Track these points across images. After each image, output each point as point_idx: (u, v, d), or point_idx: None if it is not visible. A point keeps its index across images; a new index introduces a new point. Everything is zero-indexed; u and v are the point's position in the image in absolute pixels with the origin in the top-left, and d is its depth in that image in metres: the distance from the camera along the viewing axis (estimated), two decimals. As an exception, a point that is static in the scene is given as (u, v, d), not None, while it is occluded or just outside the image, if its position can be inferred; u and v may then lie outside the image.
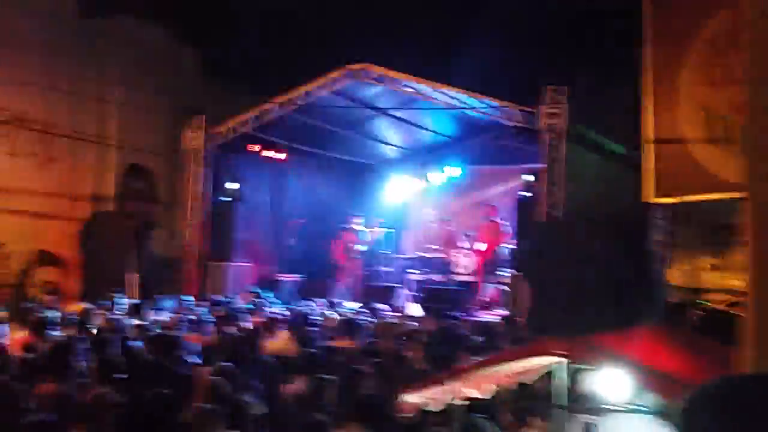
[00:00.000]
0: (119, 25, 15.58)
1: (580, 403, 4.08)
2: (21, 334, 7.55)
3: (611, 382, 3.35)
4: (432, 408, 3.83)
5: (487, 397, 3.81)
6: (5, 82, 13.33)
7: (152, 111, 15.62)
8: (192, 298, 11.82)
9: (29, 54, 13.88)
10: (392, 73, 13.29)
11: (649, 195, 11.33)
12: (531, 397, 4.47)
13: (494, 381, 3.80)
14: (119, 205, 15.67)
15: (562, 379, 3.63)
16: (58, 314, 8.60)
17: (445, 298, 13.10)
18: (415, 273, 15.59)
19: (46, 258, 14.29)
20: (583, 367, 3.68)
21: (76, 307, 10.08)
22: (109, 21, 15.45)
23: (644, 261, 9.65)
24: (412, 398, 3.78)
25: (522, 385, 4.04)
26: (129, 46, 15.59)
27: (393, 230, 17.21)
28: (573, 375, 3.78)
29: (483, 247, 14.16)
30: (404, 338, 8.41)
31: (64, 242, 14.60)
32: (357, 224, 15.38)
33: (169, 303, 10.74)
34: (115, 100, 15.41)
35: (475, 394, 3.73)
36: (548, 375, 4.04)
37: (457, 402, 3.66)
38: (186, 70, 16.77)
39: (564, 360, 3.53)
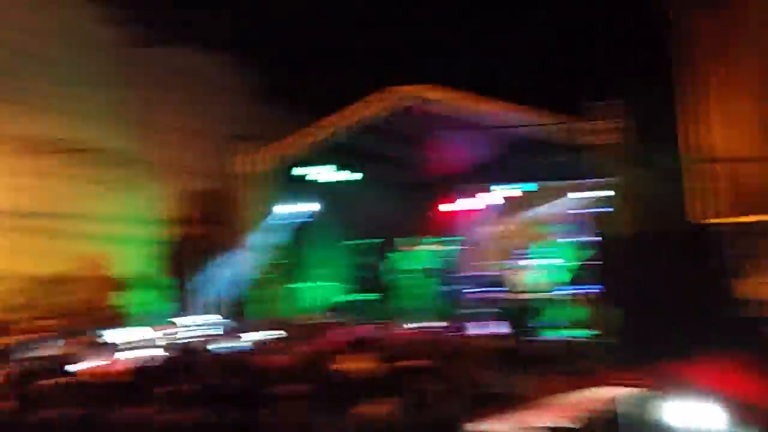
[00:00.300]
0: (177, 55, 16.01)
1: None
2: (103, 360, 7.77)
3: (688, 412, 3.28)
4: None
5: (562, 426, 3.74)
6: (75, 114, 13.82)
7: (211, 138, 16.00)
8: (265, 319, 12.00)
9: (97, 86, 14.37)
10: (441, 93, 13.27)
11: (709, 215, 10.96)
12: (606, 428, 4.38)
13: (561, 410, 3.73)
14: (188, 228, 16.05)
15: (637, 408, 3.56)
16: (137, 338, 8.87)
17: (520, 316, 12.98)
18: (483, 290, 15.47)
19: (120, 281, 14.68)
20: (659, 396, 3.60)
21: (150, 327, 10.35)
22: (168, 51, 15.91)
23: (716, 278, 9.35)
24: (484, 426, 3.75)
25: (590, 411, 3.96)
26: (188, 74, 16.00)
27: (459, 247, 17.12)
28: (649, 404, 3.70)
29: (555, 264, 13.99)
30: (479, 357, 8.33)
31: (133, 267, 15.00)
32: (409, 244, 15.36)
33: (241, 324, 10.94)
34: (173, 127, 15.83)
35: (549, 422, 3.67)
36: (616, 403, 3.96)
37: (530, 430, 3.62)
38: (244, 97, 17.08)
39: (639, 390, 3.46)
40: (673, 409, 4.07)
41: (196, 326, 10.45)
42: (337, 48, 15.72)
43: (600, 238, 11.67)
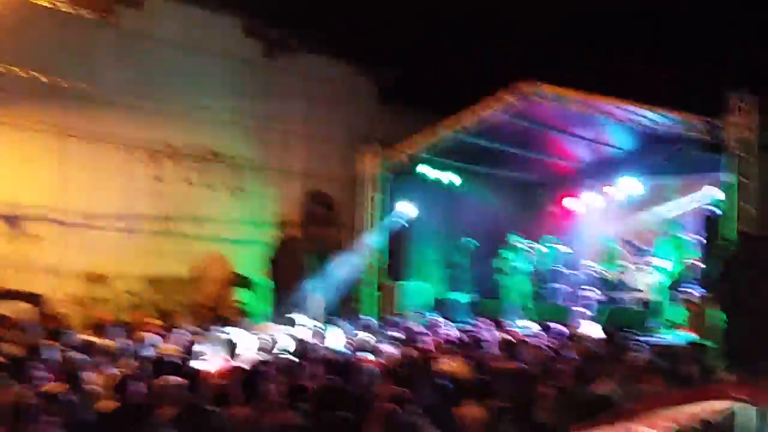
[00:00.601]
0: (299, 63, 16.55)
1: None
2: (217, 357, 8.16)
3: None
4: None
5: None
6: (202, 122, 14.58)
7: (331, 140, 16.46)
8: (372, 319, 12.19)
9: (221, 95, 15.11)
10: (565, 92, 13.00)
11: None
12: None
13: (673, 421, 3.61)
14: (303, 230, 16.58)
15: (747, 422, 3.39)
16: (249, 338, 9.25)
17: (625, 318, 12.56)
18: (591, 291, 15.10)
19: (239, 281, 15.36)
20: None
21: (265, 327, 10.75)
22: (292, 59, 16.47)
23: None
24: (583, 438, 3.69)
25: (705, 423, 3.80)
26: (308, 81, 16.51)
27: (568, 247, 16.76)
28: (760, 420, 3.52)
29: (667, 264, 13.42)
30: (586, 361, 8.16)
31: (254, 266, 15.65)
32: (516, 242, 15.12)
33: (350, 325, 11.15)
34: (297, 132, 16.37)
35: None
36: (732, 416, 3.79)
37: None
38: (361, 100, 17.45)
39: (748, 405, 3.30)
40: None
41: (306, 326, 10.72)
42: (458, 48, 15.73)
43: (724, 239, 11.14)
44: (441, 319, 11.76)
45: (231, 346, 8.08)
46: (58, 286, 12.99)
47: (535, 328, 12.30)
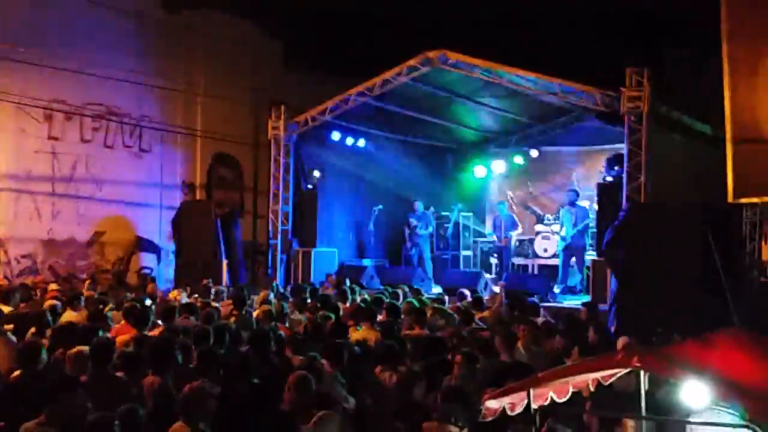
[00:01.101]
0: (203, 20, 16.13)
1: (657, 412, 4.14)
2: (123, 325, 8.06)
3: (691, 393, 3.41)
4: (512, 413, 3.96)
5: (565, 401, 3.92)
6: (100, 79, 14.02)
7: (236, 102, 16.18)
8: (279, 285, 12.24)
9: (120, 52, 14.56)
10: (469, 59, 13.28)
11: (731, 195, 10.81)
12: (608, 403, 4.55)
13: (573, 386, 3.90)
14: (208, 193, 16.34)
15: (639, 386, 3.71)
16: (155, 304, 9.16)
17: (526, 282, 13.11)
18: (496, 257, 15.66)
19: (141, 245, 15.06)
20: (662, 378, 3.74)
21: (173, 294, 10.65)
22: (194, 15, 16.02)
23: (732, 249, 9.45)
24: (492, 404, 3.93)
25: (600, 388, 4.13)
26: (213, 39, 16.14)
27: (472, 214, 17.26)
28: (651, 383, 3.85)
29: (566, 230, 14.06)
30: (488, 326, 8.52)
31: (157, 230, 15.36)
32: (424, 208, 15.45)
33: (258, 290, 11.17)
34: (200, 92, 16.01)
35: (554, 399, 3.84)
36: (627, 382, 4.12)
37: (537, 407, 3.79)
38: (268, 61, 17.20)
39: (642, 371, 3.60)
40: (671, 387, 4.22)
41: (215, 293, 10.67)
42: (369, 12, 15.71)
43: (626, 206, 11.75)
44: (351, 286, 11.89)
45: (139, 313, 7.95)
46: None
47: (439, 292, 12.67)
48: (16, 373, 6.02)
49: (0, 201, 13.09)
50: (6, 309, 8.41)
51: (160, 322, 8.19)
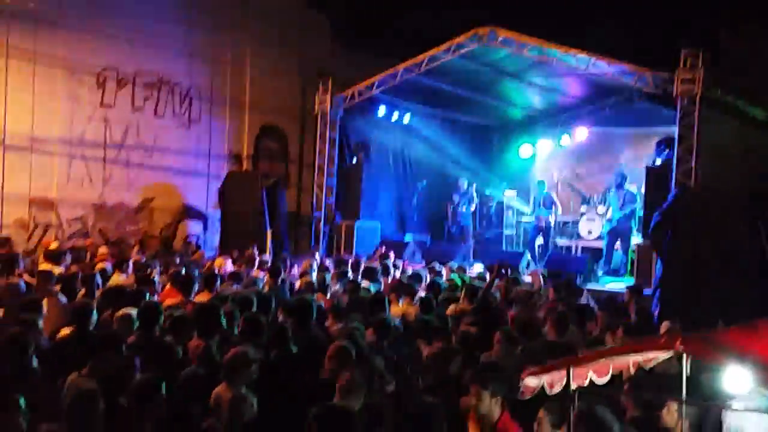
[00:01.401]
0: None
1: (699, 397, 4.11)
2: (169, 290, 8.24)
3: (734, 379, 3.37)
4: (550, 392, 3.97)
5: (604, 382, 3.91)
6: (151, 48, 14.21)
7: (284, 74, 16.27)
8: (322, 257, 12.34)
9: (171, 22, 14.72)
10: (519, 37, 13.10)
11: None
12: (649, 386, 4.52)
13: (613, 368, 3.88)
14: (254, 163, 16.51)
15: (683, 371, 3.67)
16: (201, 271, 9.33)
17: (569, 263, 13.01)
18: (540, 237, 15.56)
19: (188, 213, 15.32)
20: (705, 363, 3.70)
21: (218, 261, 10.82)
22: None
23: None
24: (531, 381, 3.94)
25: (642, 371, 4.10)
26: (261, 12, 16.19)
27: (516, 193, 17.14)
28: (693, 368, 3.81)
29: (611, 213, 13.89)
30: (529, 305, 8.49)
31: (204, 198, 15.61)
32: (462, 187, 15.29)
33: (301, 261, 11.29)
34: (249, 64, 16.12)
35: (593, 380, 3.83)
36: (668, 366, 4.09)
37: (576, 387, 3.79)
38: (316, 35, 17.20)
39: (684, 355, 3.57)
40: (714, 372, 4.18)
41: (260, 262, 10.80)
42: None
43: (675, 190, 11.55)
44: (394, 260, 11.95)
45: (184, 279, 8.12)
46: (2, 210, 12.77)
47: (480, 271, 12.64)
48: (66, 331, 6.23)
49: (53, 165, 13.40)
50: (56, 270, 8.65)
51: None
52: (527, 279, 11.30)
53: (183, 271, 8.64)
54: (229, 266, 10.28)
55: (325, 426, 3.82)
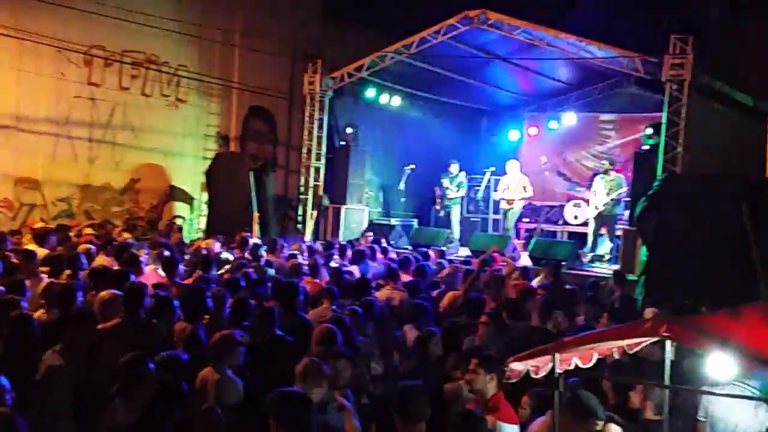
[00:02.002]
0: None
1: (681, 381, 4.15)
2: (153, 271, 8.21)
3: (717, 364, 3.40)
4: (536, 376, 3.99)
5: (589, 367, 3.93)
6: (139, 26, 14.01)
7: (273, 55, 16.10)
8: (309, 240, 12.32)
9: (161, 2, 14.55)
10: (510, 20, 13.06)
11: None
12: (633, 371, 4.56)
13: (598, 353, 3.91)
14: (240, 145, 16.42)
15: (666, 356, 3.70)
16: (187, 252, 9.30)
17: (555, 248, 13.03)
18: (525, 221, 15.58)
19: (175, 194, 15.23)
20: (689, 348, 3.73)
21: (205, 242, 10.78)
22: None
23: (766, 223, 9.26)
24: (517, 365, 3.96)
25: (628, 356, 4.13)
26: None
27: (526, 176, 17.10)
28: (678, 353, 3.84)
29: (599, 198, 13.90)
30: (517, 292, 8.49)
31: (190, 180, 15.52)
32: (453, 171, 15.19)
33: (288, 244, 11.27)
34: (238, 44, 15.96)
35: (578, 364, 3.86)
36: (653, 351, 4.12)
37: (561, 371, 3.81)
38: (306, 16, 17.05)
39: (669, 341, 3.59)
40: (698, 358, 4.21)
41: (247, 244, 10.75)
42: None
43: (661, 176, 11.58)
44: (382, 244, 11.93)
45: (171, 261, 8.08)
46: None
47: (467, 255, 12.64)
48: (40, 313, 6.18)
49: (39, 144, 13.26)
50: (41, 251, 8.58)
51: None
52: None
53: (167, 253, 8.60)
54: (216, 248, 10.24)
55: (280, 411, 3.86)
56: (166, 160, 15.10)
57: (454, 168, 15.04)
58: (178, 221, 14.98)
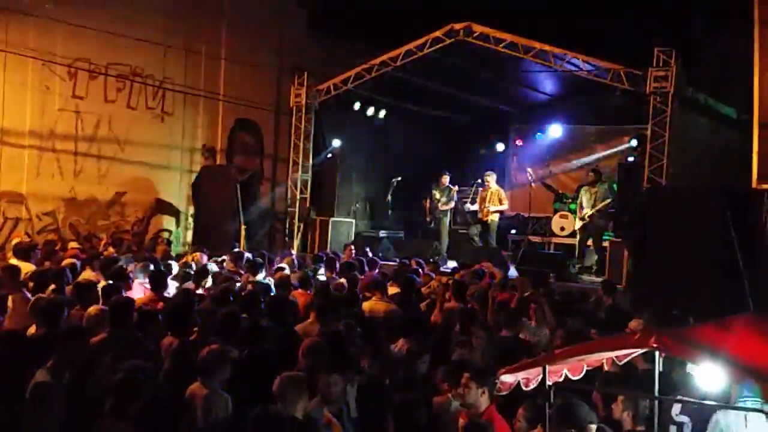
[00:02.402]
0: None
1: (671, 392, 4.16)
2: (140, 283, 8.16)
3: (707, 376, 3.42)
4: (526, 388, 4.00)
5: (579, 378, 3.95)
6: (124, 38, 13.96)
7: (259, 67, 16.08)
8: (296, 253, 12.30)
9: (147, 13, 14.51)
10: (495, 33, 13.16)
11: (755, 180, 10.75)
12: (622, 382, 4.58)
13: (587, 364, 3.92)
14: (227, 158, 16.38)
15: (656, 367, 3.72)
16: (176, 266, 9.26)
17: (542, 260, 13.08)
18: (513, 234, 15.63)
19: (161, 208, 15.16)
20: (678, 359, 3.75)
21: (192, 256, 10.72)
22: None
23: (751, 233, 9.36)
24: (507, 378, 3.97)
25: (617, 367, 4.16)
26: (238, 3, 16.05)
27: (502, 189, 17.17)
28: (667, 365, 3.87)
29: (583, 209, 13.97)
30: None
31: (177, 193, 15.46)
32: (443, 182, 15.20)
33: (276, 257, 11.24)
34: (224, 57, 15.95)
35: (568, 376, 3.87)
36: (640, 362, 4.14)
37: (551, 383, 3.82)
38: (292, 28, 17.07)
39: (657, 352, 3.61)
40: (687, 369, 4.24)
41: (234, 258, 10.71)
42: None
43: (646, 188, 11.67)
44: (369, 257, 11.93)
45: (158, 275, 8.04)
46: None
47: (454, 266, 12.64)
48: (33, 329, 6.12)
49: (23, 158, 13.18)
50: (26, 266, 8.49)
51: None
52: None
53: (153, 267, 8.56)
54: (204, 261, 10.20)
55: (256, 429, 3.96)
56: (152, 174, 15.02)
57: (445, 180, 15.07)
58: (165, 235, 14.91)
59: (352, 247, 13.38)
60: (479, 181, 15.21)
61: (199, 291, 8.14)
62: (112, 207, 14.44)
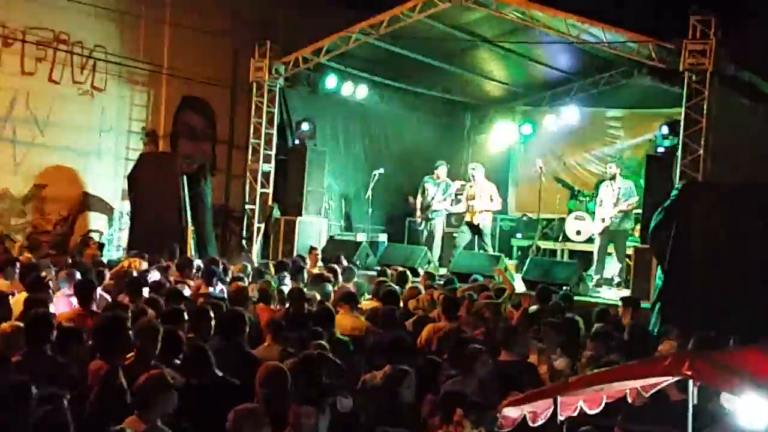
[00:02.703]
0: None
1: (707, 427, 4.18)
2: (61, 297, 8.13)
3: (749, 410, 3.44)
4: (533, 424, 4.02)
5: (597, 412, 3.97)
6: (48, 1, 13.89)
7: (212, 35, 16.04)
8: (256, 259, 12.28)
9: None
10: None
11: None
12: (649, 416, 4.60)
13: (607, 396, 3.94)
14: (172, 143, 16.33)
15: (689, 399, 3.74)
16: (106, 273, 9.23)
17: (553, 270, 13.13)
18: (519, 237, 15.69)
19: (90, 204, 15.08)
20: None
21: (132, 262, 10.66)
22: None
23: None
24: (511, 412, 3.98)
25: (640, 398, 4.18)
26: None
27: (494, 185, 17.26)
28: (702, 395, 3.89)
29: (605, 210, 14.05)
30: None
31: (110, 186, 15.38)
32: (440, 175, 15.16)
33: (231, 263, 11.25)
34: (168, 21, 15.89)
35: (584, 410, 3.89)
36: (670, 392, 4.16)
37: (564, 418, 3.84)
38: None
39: (690, 381, 3.63)
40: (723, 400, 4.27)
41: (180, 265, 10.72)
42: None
43: (678, 184, 11.74)
44: (343, 264, 11.94)
45: (86, 285, 8.00)
46: None
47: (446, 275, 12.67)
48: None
49: None
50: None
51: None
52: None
53: (80, 275, 8.53)
54: (144, 268, 10.18)
55: None
56: (79, 162, 14.93)
57: (442, 172, 15.01)
58: (94, 236, 14.83)
59: (318, 252, 13.37)
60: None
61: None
62: (30, 202, 14.34)
